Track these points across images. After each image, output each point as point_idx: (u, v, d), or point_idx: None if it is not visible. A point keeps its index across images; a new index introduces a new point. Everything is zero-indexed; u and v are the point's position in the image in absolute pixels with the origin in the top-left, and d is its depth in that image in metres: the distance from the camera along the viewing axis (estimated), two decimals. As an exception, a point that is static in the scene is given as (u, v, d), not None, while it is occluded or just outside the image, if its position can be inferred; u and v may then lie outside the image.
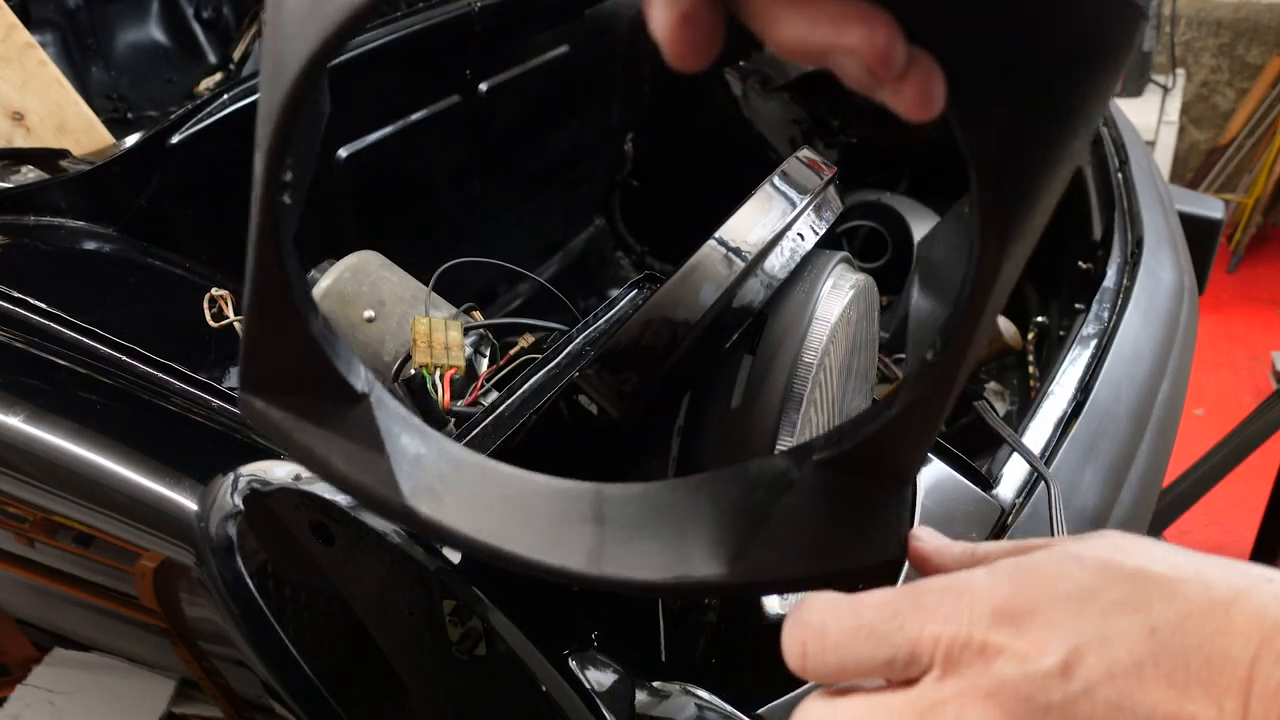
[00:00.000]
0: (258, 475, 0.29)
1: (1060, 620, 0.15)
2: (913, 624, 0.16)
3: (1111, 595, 0.15)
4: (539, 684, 0.28)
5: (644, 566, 0.19)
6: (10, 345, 0.35)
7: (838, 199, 0.40)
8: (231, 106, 0.57)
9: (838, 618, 0.16)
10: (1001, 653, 0.15)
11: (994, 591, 0.15)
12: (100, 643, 0.33)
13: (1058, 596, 0.15)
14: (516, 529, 0.19)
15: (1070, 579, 0.15)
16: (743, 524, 0.19)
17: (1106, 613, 0.15)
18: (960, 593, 0.16)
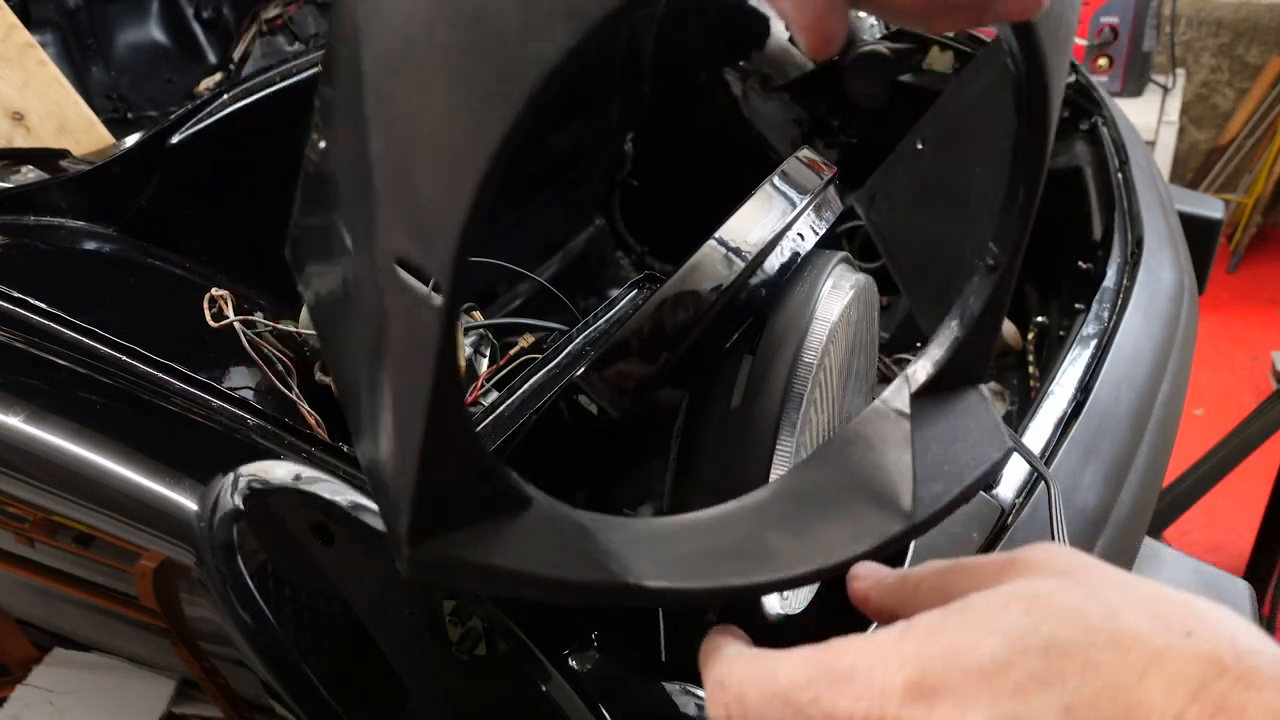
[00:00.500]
0: (258, 475, 0.29)
1: (972, 696, 0.14)
2: (826, 699, 0.16)
3: (1025, 669, 0.14)
4: (539, 684, 0.28)
5: (852, 542, 0.19)
6: (10, 345, 0.35)
7: (838, 199, 0.40)
8: (231, 106, 0.57)
9: (755, 683, 0.16)
10: None
11: (906, 665, 0.15)
12: (100, 643, 0.33)
13: (970, 670, 0.15)
14: (734, 563, 0.19)
15: (983, 649, 0.15)
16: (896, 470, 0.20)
17: (1020, 689, 0.14)
18: (873, 665, 0.16)
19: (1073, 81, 0.75)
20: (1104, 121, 0.73)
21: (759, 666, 0.17)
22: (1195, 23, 1.77)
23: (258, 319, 0.43)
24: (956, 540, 0.38)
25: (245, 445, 0.31)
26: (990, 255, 0.20)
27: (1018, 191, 0.19)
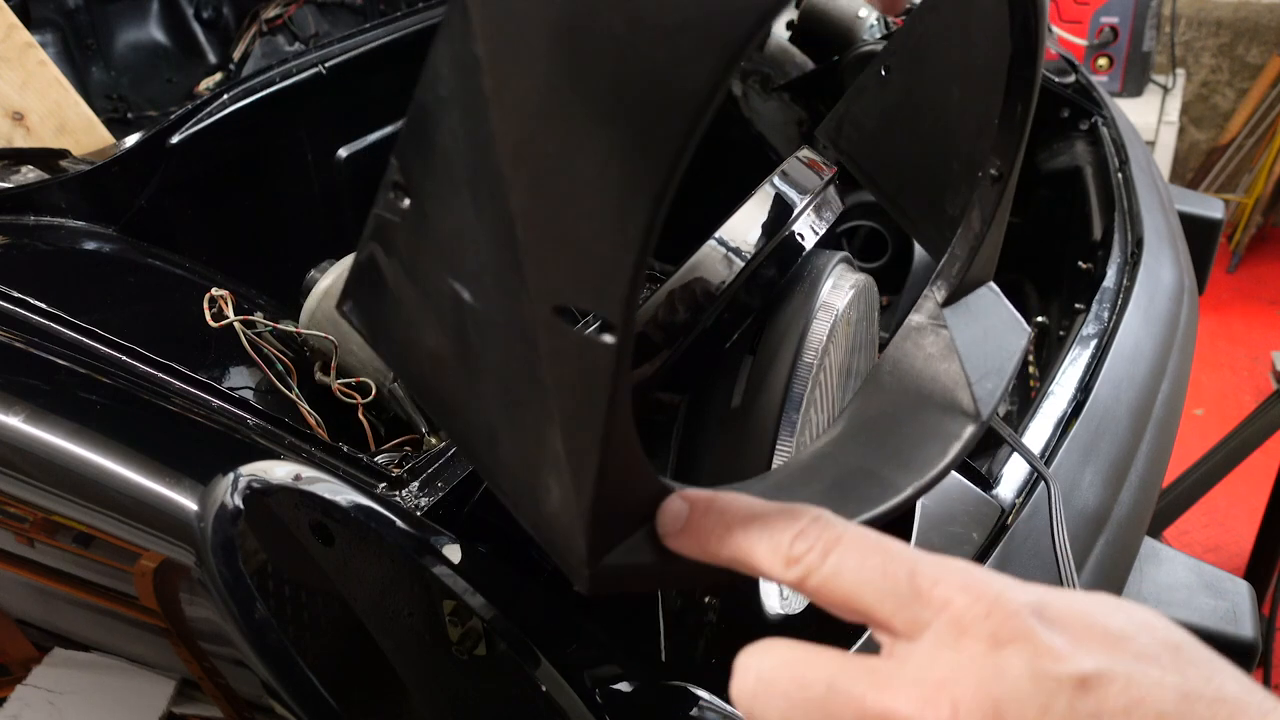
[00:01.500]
0: (258, 475, 0.29)
1: (1092, 645, 0.14)
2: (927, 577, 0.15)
3: (1151, 648, 0.14)
4: (539, 684, 0.28)
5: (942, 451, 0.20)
6: (10, 345, 0.35)
7: (838, 199, 0.40)
8: (231, 106, 0.57)
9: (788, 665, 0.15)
10: (1015, 640, 0.14)
11: (1028, 590, 0.15)
12: (100, 643, 0.33)
13: (1095, 626, 0.14)
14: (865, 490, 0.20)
15: (1113, 619, 0.14)
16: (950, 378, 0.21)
17: (1142, 658, 0.14)
18: (990, 574, 0.15)
19: (1073, 81, 0.75)
20: (1104, 121, 0.73)
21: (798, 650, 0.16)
22: (1195, 23, 1.77)
23: (258, 319, 0.43)
24: (957, 540, 0.38)
25: (245, 445, 0.31)
26: (993, 166, 0.21)
27: (1015, 106, 0.20)
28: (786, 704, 0.15)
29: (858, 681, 0.14)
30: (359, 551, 0.29)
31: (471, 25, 0.14)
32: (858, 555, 0.16)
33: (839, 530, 0.16)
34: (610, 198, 0.14)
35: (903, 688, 0.14)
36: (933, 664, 0.14)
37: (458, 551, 0.29)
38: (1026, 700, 0.13)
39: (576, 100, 0.14)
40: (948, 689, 0.14)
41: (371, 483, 0.31)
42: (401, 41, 0.66)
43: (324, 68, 0.61)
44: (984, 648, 0.14)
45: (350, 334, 0.48)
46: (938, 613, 0.15)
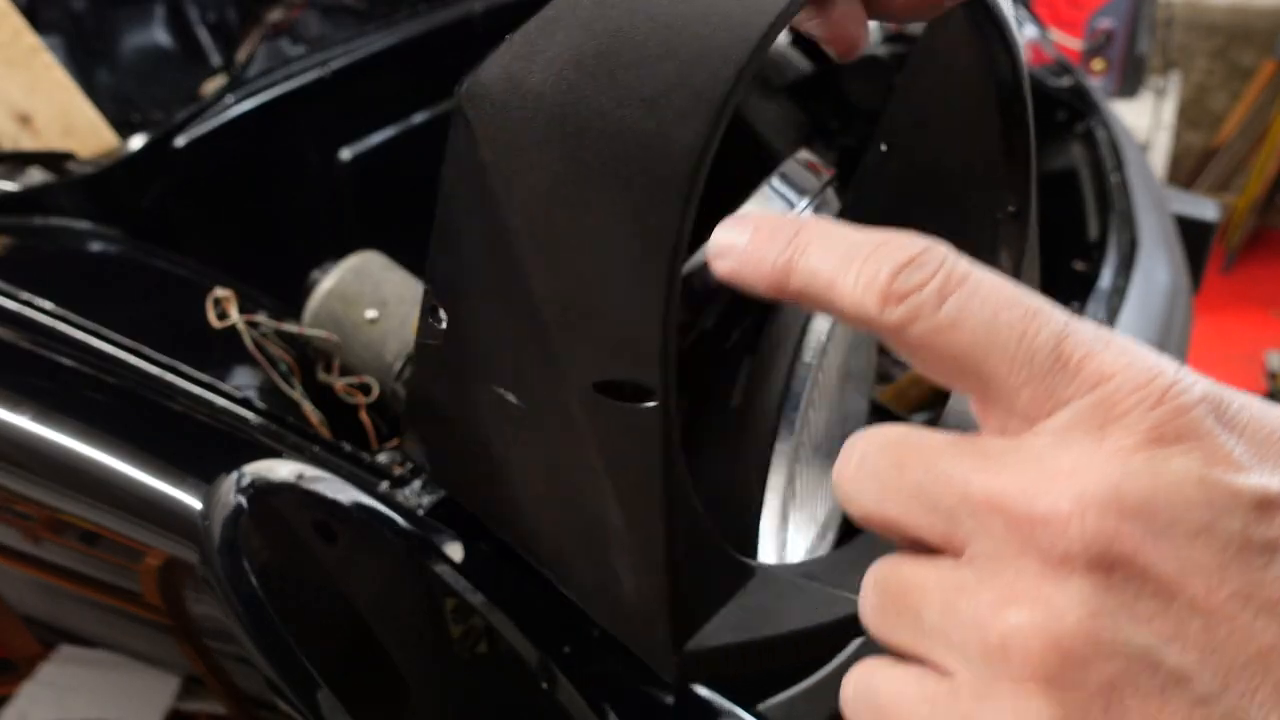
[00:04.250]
0: (261, 474, 0.30)
1: (1278, 461, 0.11)
2: (1079, 346, 0.11)
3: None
4: (540, 682, 0.28)
5: None
6: (17, 345, 0.35)
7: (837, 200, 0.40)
8: (236, 109, 0.57)
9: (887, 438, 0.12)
10: (1185, 439, 0.10)
11: (1203, 382, 0.11)
12: (106, 639, 0.33)
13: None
14: None
15: None
16: None
17: None
18: (1161, 357, 0.11)
19: (1068, 84, 0.76)
20: (1099, 123, 0.73)
21: (903, 430, 0.12)
22: (1190, 26, 1.78)
23: (261, 319, 0.43)
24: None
25: (249, 444, 0.32)
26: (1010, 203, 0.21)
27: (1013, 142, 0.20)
28: (880, 487, 0.12)
29: (962, 463, 0.11)
30: (361, 549, 0.29)
31: (474, 133, 0.15)
32: (991, 304, 0.11)
33: (966, 266, 0.12)
34: (626, 264, 0.14)
35: (1017, 470, 0.11)
36: (1063, 447, 0.11)
37: (460, 549, 0.29)
38: (1186, 512, 0.10)
39: (579, 179, 0.14)
40: (1077, 478, 0.10)
41: (374, 481, 0.32)
42: (404, 44, 0.66)
43: (327, 70, 0.61)
44: (1137, 441, 0.10)
45: (353, 333, 0.48)
46: (1084, 390, 0.11)
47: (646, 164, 0.14)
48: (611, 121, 0.14)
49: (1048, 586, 0.10)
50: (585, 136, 0.14)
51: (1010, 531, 0.11)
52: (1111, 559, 0.10)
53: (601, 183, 0.14)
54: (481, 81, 0.16)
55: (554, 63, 0.15)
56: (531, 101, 0.15)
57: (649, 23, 0.14)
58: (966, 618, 0.11)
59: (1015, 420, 0.11)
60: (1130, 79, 1.62)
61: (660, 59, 0.14)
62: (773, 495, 0.34)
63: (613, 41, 0.14)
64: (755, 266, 0.13)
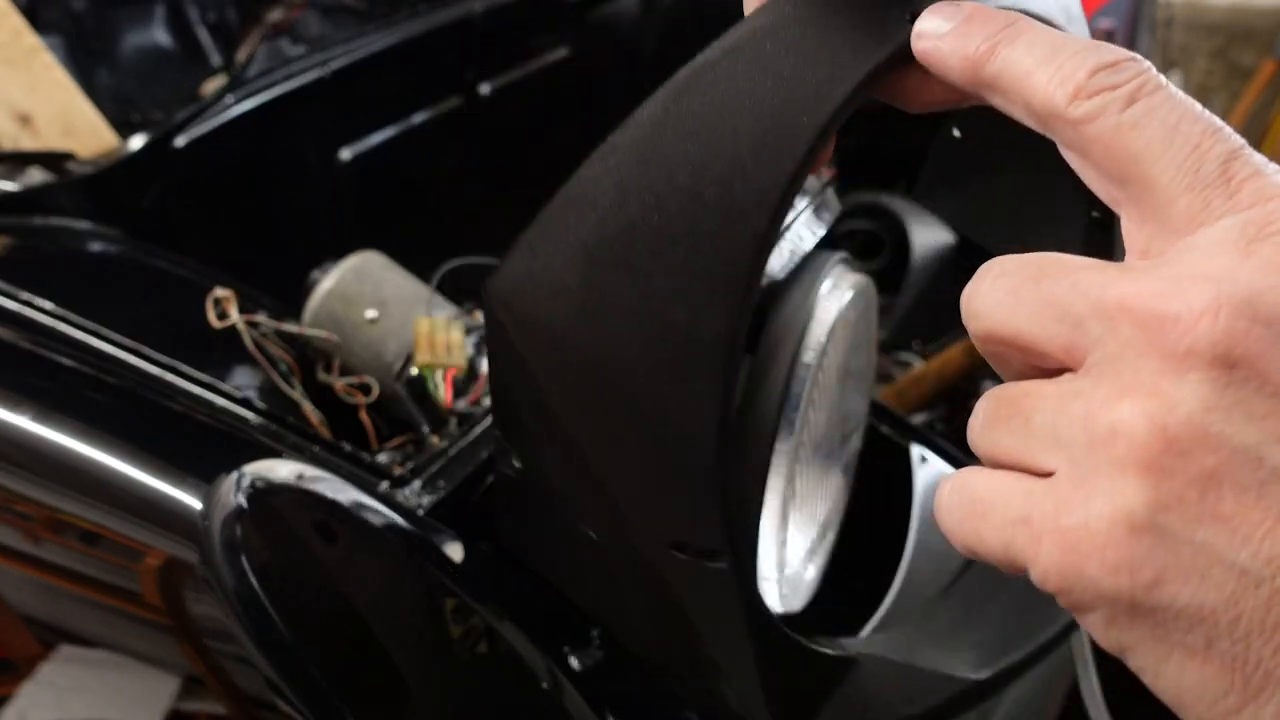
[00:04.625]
0: (261, 474, 0.29)
1: None
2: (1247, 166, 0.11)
3: None
4: (540, 682, 0.28)
5: None
6: (17, 345, 0.35)
7: (837, 200, 0.40)
8: (236, 109, 0.57)
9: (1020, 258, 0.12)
10: None
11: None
12: (106, 639, 0.33)
13: None
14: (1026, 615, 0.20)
15: None
16: None
17: None
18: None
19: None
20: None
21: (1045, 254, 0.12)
22: (1190, 26, 1.78)
23: (261, 319, 0.43)
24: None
25: (249, 444, 0.32)
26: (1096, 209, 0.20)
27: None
28: (1014, 299, 0.12)
29: (1102, 275, 0.11)
30: (361, 550, 0.29)
31: (507, 330, 0.15)
32: (1175, 115, 0.12)
33: (1163, 80, 0.12)
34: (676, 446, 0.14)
35: (1155, 277, 0.11)
36: (1207, 258, 0.11)
37: (460, 550, 0.29)
38: None
39: (618, 373, 0.14)
40: (1216, 283, 0.10)
41: (374, 481, 0.32)
42: (404, 44, 0.66)
43: (327, 70, 0.61)
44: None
45: (353, 333, 0.48)
46: (1241, 207, 0.11)
47: (683, 355, 0.14)
48: (639, 315, 0.14)
49: (1166, 380, 0.10)
50: (615, 329, 0.14)
51: (1137, 331, 0.11)
52: (1236, 358, 0.10)
53: (639, 375, 0.14)
54: (503, 281, 0.16)
55: (570, 259, 0.14)
56: (554, 299, 0.15)
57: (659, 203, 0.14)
58: (1077, 415, 0.11)
59: (1165, 235, 0.11)
60: (1131, 79, 1.61)
61: (676, 243, 0.13)
62: (773, 495, 0.34)
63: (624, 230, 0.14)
64: (957, 48, 0.13)
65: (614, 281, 0.14)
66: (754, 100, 0.14)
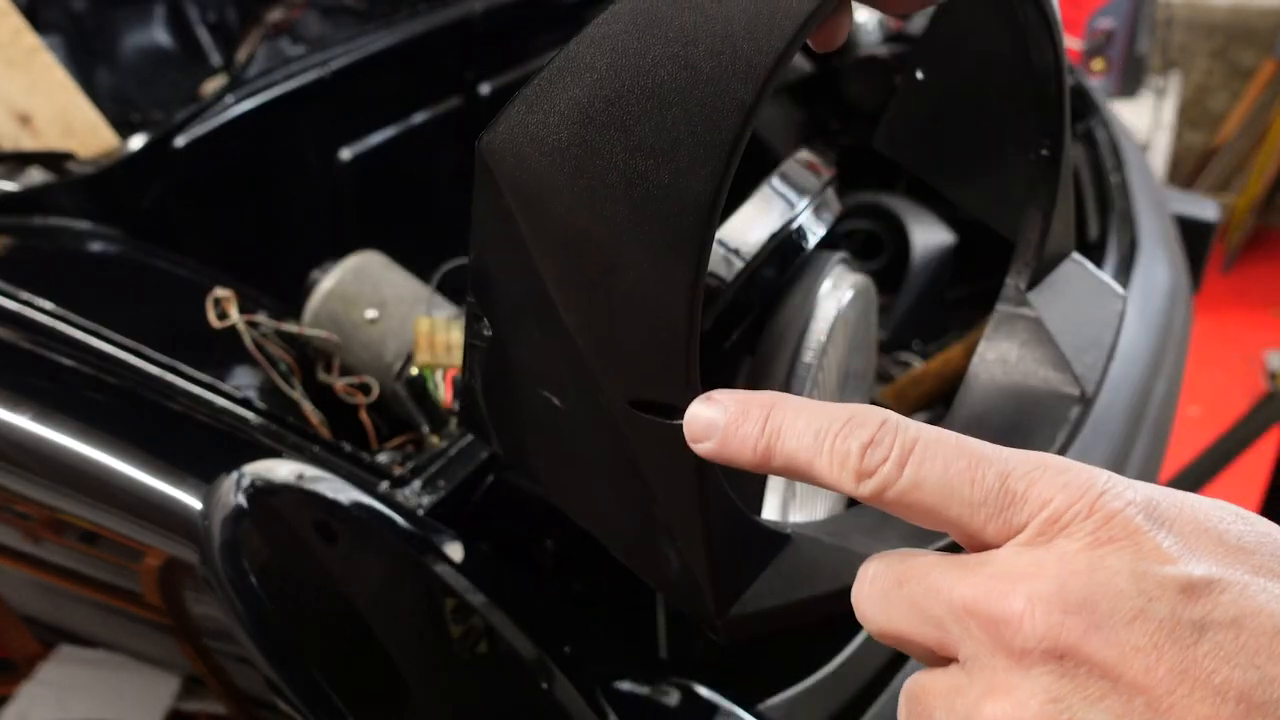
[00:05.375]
0: (261, 474, 0.30)
1: (1205, 551, 0.12)
2: (1021, 479, 0.13)
3: (1272, 562, 0.12)
4: (540, 682, 0.28)
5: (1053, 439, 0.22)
6: (17, 345, 0.35)
7: (837, 200, 0.40)
8: (236, 109, 0.57)
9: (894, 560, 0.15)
10: (1118, 540, 0.12)
11: (1138, 488, 0.13)
12: (106, 639, 0.33)
13: (1210, 532, 0.13)
14: None
15: (1232, 527, 0.13)
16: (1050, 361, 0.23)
17: (1261, 571, 0.12)
18: (1095, 470, 0.13)
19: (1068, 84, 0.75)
20: (1099, 123, 0.73)
21: (905, 553, 0.15)
22: (1190, 26, 1.78)
23: (261, 319, 0.43)
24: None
25: (249, 444, 0.32)
26: (1044, 147, 0.22)
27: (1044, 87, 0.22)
28: (886, 603, 0.14)
29: (947, 575, 0.14)
30: (361, 550, 0.29)
31: (497, 183, 0.16)
32: (941, 462, 0.14)
33: (914, 433, 0.14)
34: (649, 301, 0.15)
35: (986, 578, 0.13)
36: (1018, 559, 0.13)
37: (459, 549, 0.29)
38: (1121, 601, 0.12)
39: (600, 225, 0.15)
40: (1027, 582, 0.13)
41: (374, 481, 0.32)
42: (403, 44, 0.66)
43: (327, 70, 0.61)
44: (1079, 546, 0.13)
45: (353, 333, 0.48)
46: (1033, 514, 0.13)
47: (664, 210, 0.15)
48: (626, 173, 0.15)
49: (1015, 677, 0.13)
50: (602, 186, 0.15)
51: (984, 632, 0.13)
52: (1061, 649, 0.12)
53: (621, 231, 0.15)
54: (499, 135, 0.16)
55: (566, 116, 0.15)
56: (548, 154, 0.16)
57: (653, 69, 0.15)
58: (960, 713, 0.13)
59: (983, 542, 0.14)
60: (1130, 79, 1.62)
61: (667, 106, 0.14)
62: (772, 494, 0.34)
63: (620, 92, 0.15)
64: (738, 450, 0.16)
65: (605, 139, 0.15)
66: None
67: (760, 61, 0.14)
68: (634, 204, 0.15)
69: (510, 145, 0.16)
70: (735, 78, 0.14)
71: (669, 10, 0.15)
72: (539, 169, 0.16)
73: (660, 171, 0.14)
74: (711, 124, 0.14)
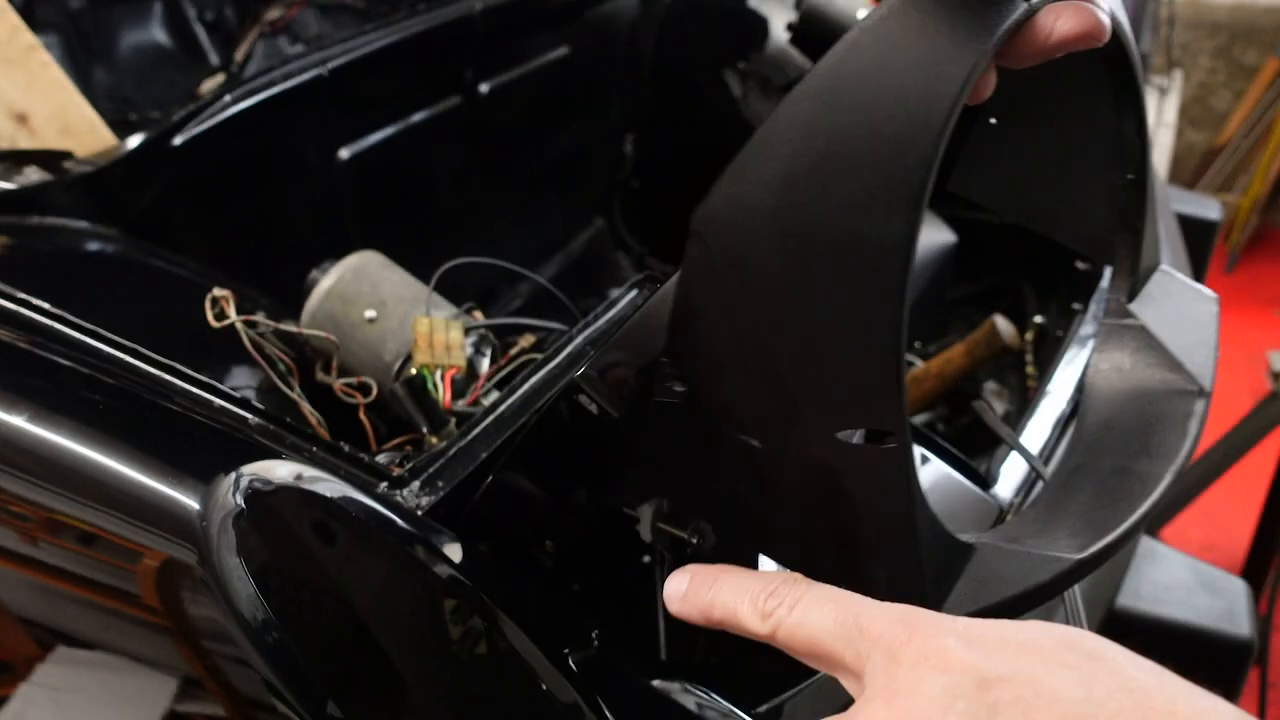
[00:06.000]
0: (260, 475, 0.29)
1: (1000, 655, 0.17)
2: (869, 618, 0.18)
3: (1059, 653, 0.17)
4: (540, 683, 0.28)
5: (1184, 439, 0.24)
6: (14, 345, 0.35)
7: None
8: (234, 108, 0.57)
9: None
10: (931, 658, 0.17)
11: (958, 621, 0.18)
12: (103, 641, 0.33)
13: (1009, 641, 0.17)
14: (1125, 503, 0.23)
15: (1028, 633, 0.17)
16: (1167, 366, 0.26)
17: (1049, 661, 0.16)
18: (926, 613, 0.18)
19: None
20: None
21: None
22: (1192, 25, 1.77)
23: (259, 319, 0.43)
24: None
25: (247, 444, 0.32)
26: (1130, 172, 0.25)
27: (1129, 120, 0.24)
28: None
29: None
30: (360, 550, 0.29)
31: (709, 248, 0.19)
32: (817, 606, 0.19)
33: (803, 588, 0.20)
34: (858, 339, 0.18)
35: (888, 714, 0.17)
36: (879, 695, 0.17)
37: (458, 550, 0.29)
38: (941, 702, 0.17)
39: (809, 277, 0.18)
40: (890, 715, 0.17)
41: (373, 482, 0.32)
42: (403, 43, 0.66)
43: (326, 69, 0.61)
44: (907, 668, 0.17)
45: (351, 333, 0.48)
46: (874, 645, 0.18)
47: (867, 261, 0.17)
48: (830, 227, 0.17)
49: None
50: (809, 241, 0.18)
51: None
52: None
53: (828, 278, 0.18)
54: (711, 207, 0.19)
55: (770, 185, 0.18)
56: (756, 218, 0.18)
57: (843, 137, 0.18)
58: None
59: (850, 674, 0.19)
60: (1132, 77, 1.60)
61: (860, 168, 0.17)
62: None
63: (815, 160, 0.18)
64: (692, 607, 0.22)
65: (808, 201, 0.18)
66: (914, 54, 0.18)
67: (935, 121, 0.17)
68: (839, 254, 0.17)
69: (722, 215, 0.19)
70: (916, 136, 0.17)
71: (848, 86, 0.18)
72: (750, 231, 0.18)
73: (860, 223, 0.17)
74: (900, 179, 0.17)
